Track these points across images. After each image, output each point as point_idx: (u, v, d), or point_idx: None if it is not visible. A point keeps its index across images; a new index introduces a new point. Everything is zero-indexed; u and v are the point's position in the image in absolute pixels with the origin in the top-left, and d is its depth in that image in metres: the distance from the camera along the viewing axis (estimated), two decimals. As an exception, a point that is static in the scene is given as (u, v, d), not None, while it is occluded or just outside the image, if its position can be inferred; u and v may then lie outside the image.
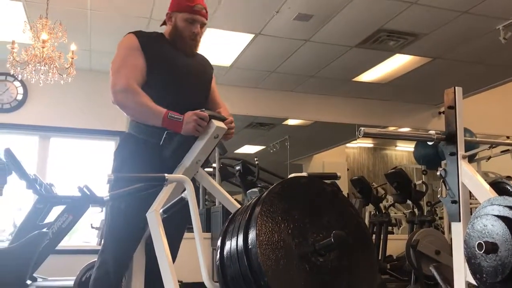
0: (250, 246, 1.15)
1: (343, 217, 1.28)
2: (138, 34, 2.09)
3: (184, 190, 1.60)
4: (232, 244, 1.23)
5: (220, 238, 1.32)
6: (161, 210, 1.65)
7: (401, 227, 7.08)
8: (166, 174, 1.56)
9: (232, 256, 1.22)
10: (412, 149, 7.11)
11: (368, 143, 8.11)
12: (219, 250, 1.29)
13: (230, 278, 1.24)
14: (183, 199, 1.60)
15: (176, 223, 1.96)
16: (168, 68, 2.06)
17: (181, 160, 1.88)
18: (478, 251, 1.46)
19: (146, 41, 2.06)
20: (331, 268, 1.21)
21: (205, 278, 1.43)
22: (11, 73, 4.23)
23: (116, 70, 1.99)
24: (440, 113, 6.92)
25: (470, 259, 1.51)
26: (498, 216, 1.46)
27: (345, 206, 1.36)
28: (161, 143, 1.86)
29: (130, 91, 1.93)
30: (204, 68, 2.25)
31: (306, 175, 1.54)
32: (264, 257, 1.11)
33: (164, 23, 2.19)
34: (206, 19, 2.16)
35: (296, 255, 1.18)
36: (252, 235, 1.15)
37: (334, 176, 1.68)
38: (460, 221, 1.80)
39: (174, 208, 1.64)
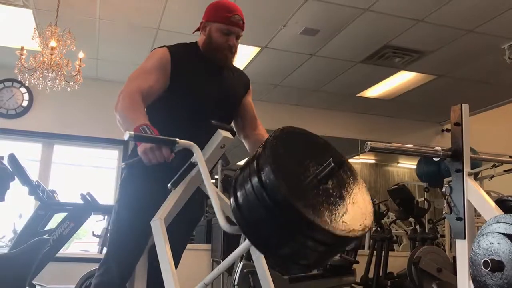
0: (264, 175, 1.26)
1: (339, 158, 1.39)
2: (173, 50, 1.91)
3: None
4: (247, 186, 1.31)
5: (232, 187, 1.36)
6: (169, 184, 1.67)
7: (401, 244, 7.04)
8: (177, 139, 1.57)
9: (248, 194, 1.29)
10: (414, 166, 7.09)
11: (370, 159, 8.09)
12: (232, 196, 1.34)
13: (248, 212, 1.30)
14: (193, 164, 1.61)
15: (180, 232, 1.95)
16: (194, 93, 1.92)
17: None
18: (484, 269, 1.45)
19: (179, 58, 1.90)
20: (336, 192, 1.35)
21: (222, 222, 1.44)
22: (18, 79, 4.26)
23: (133, 77, 1.85)
24: (443, 130, 6.93)
25: (476, 277, 1.50)
26: (504, 234, 1.45)
27: (337, 152, 1.54)
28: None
29: (127, 97, 1.76)
30: (235, 89, 2.07)
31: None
32: (279, 176, 1.23)
33: (198, 29, 2.03)
34: (243, 30, 2.00)
35: (305, 184, 1.30)
36: (267, 168, 1.25)
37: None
38: (465, 238, 1.79)
39: (183, 177, 1.65)
